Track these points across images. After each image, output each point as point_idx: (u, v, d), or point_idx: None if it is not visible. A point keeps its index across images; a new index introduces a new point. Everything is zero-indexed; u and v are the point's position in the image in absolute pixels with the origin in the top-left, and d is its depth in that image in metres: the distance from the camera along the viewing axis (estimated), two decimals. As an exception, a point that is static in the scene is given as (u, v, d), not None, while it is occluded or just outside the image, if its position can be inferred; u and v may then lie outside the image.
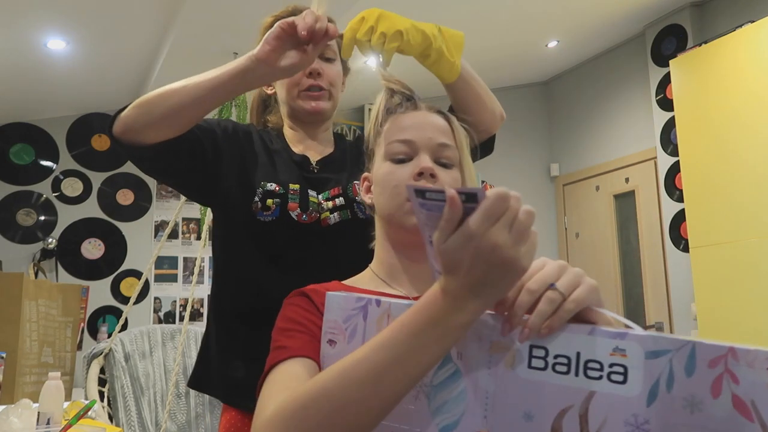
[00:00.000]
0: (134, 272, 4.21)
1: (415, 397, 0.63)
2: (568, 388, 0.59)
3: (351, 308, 0.67)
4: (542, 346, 0.60)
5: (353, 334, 0.67)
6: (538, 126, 4.79)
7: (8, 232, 3.97)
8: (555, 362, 0.60)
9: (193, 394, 2.31)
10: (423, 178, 0.84)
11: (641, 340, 0.57)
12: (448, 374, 0.63)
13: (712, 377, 0.55)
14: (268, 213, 1.12)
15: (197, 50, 3.13)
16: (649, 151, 3.86)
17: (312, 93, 1.19)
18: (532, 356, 0.60)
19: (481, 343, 0.62)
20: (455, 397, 0.62)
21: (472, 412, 0.61)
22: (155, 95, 0.99)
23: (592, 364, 0.58)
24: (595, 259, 4.23)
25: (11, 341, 2.29)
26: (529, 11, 3.48)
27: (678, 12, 3.64)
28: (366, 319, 0.66)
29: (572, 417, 0.58)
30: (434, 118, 0.90)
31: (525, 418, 0.60)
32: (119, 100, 4.15)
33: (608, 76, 4.26)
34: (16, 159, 4.05)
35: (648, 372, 0.57)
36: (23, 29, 3.04)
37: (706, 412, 0.55)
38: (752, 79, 2.91)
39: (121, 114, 1.01)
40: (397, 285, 0.87)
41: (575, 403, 0.58)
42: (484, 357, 0.62)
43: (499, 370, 0.61)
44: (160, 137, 1.00)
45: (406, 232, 0.85)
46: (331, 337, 0.68)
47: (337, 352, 0.67)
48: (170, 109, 0.98)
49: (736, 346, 0.55)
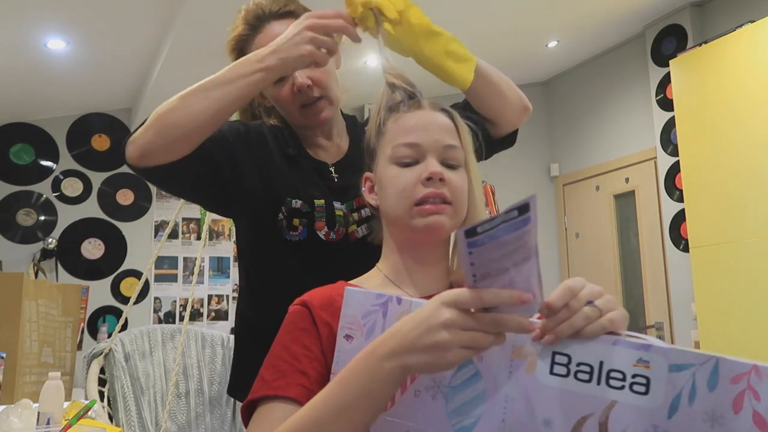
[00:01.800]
0: (134, 272, 4.21)
1: (433, 397, 0.63)
2: (589, 396, 0.59)
3: (371, 304, 0.67)
4: (565, 354, 0.60)
5: (371, 331, 0.67)
6: (538, 126, 4.79)
7: (8, 232, 3.97)
8: (577, 370, 0.60)
9: (193, 394, 2.31)
10: (432, 183, 0.83)
11: (665, 353, 0.58)
12: (467, 376, 0.63)
13: (734, 393, 0.55)
14: (295, 233, 1.09)
15: (197, 50, 3.12)
16: (649, 151, 3.86)
17: (309, 108, 1.12)
18: (554, 363, 0.61)
19: (504, 347, 0.61)
20: (473, 399, 0.62)
21: (490, 415, 0.61)
22: (170, 115, 0.94)
23: (614, 373, 0.59)
24: (595, 259, 4.23)
25: (11, 341, 2.29)
26: (529, 11, 3.48)
27: (678, 12, 3.64)
28: (386, 317, 0.66)
29: (592, 425, 0.58)
30: (439, 118, 0.89)
31: (544, 424, 0.60)
32: (119, 100, 4.15)
33: (608, 76, 4.26)
34: (16, 159, 4.05)
35: (671, 384, 0.57)
36: (23, 29, 3.04)
37: (727, 427, 0.55)
38: (752, 78, 2.91)
39: (134, 138, 0.96)
40: (403, 285, 0.87)
41: (595, 411, 0.58)
42: (505, 361, 0.62)
43: (519, 374, 0.61)
44: (178, 156, 0.96)
45: (413, 233, 0.85)
46: (348, 332, 0.68)
47: (354, 347, 0.67)
48: (191, 130, 0.94)
49: (759, 364, 0.56)
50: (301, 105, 1.11)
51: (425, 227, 0.83)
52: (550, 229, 4.63)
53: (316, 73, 1.10)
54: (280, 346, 0.80)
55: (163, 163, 0.95)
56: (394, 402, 0.64)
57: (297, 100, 1.11)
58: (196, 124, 0.94)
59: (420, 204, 0.83)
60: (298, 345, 0.78)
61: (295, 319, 0.82)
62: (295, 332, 0.80)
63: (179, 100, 0.94)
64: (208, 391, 2.27)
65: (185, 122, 0.93)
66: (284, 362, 0.77)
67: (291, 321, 0.82)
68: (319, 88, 1.11)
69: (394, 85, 0.91)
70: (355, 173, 1.14)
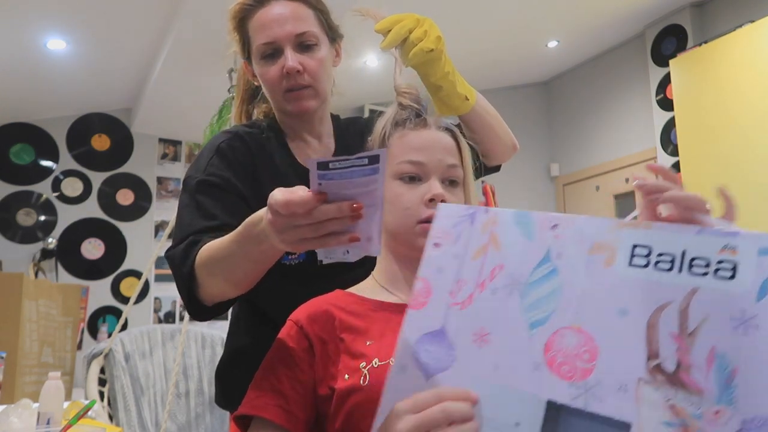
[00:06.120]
0: (134, 272, 4.21)
1: (509, 294, 0.65)
2: (668, 285, 0.59)
3: (461, 215, 0.71)
4: (646, 245, 0.61)
5: (458, 238, 0.70)
6: (538, 126, 4.79)
7: (8, 232, 3.97)
8: (658, 260, 0.60)
9: (193, 394, 2.31)
10: (434, 205, 0.86)
11: (755, 238, 0.57)
12: (544, 273, 0.64)
13: None
14: (293, 257, 1.07)
15: (197, 50, 3.12)
16: (649, 151, 3.86)
17: (293, 93, 1.08)
18: (633, 255, 0.61)
19: (582, 244, 0.63)
20: (548, 295, 0.63)
21: (564, 308, 0.62)
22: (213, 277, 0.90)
23: (697, 261, 0.58)
24: (595, 259, 4.23)
25: (11, 341, 2.29)
26: (529, 11, 3.48)
27: (678, 12, 3.64)
28: (473, 224, 0.70)
29: (671, 313, 0.58)
30: (443, 138, 0.92)
31: (619, 313, 0.59)
32: (119, 100, 4.15)
33: (608, 76, 4.26)
34: (16, 159, 4.05)
35: (760, 268, 0.56)
36: (23, 29, 3.04)
37: None
38: (752, 78, 2.91)
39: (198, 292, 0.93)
40: (398, 291, 0.91)
41: (675, 299, 0.58)
42: (582, 257, 0.63)
43: (596, 268, 0.62)
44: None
45: (413, 249, 0.88)
46: (436, 241, 0.71)
47: (441, 253, 0.70)
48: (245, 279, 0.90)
49: None
50: (287, 89, 1.08)
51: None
52: (550, 229, 4.62)
53: (309, 61, 1.07)
54: (267, 363, 0.85)
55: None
56: (471, 300, 0.67)
57: (284, 83, 1.07)
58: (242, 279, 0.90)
59: (423, 222, 0.87)
60: (282, 365, 0.83)
61: (285, 337, 0.86)
62: (282, 351, 0.84)
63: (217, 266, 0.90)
64: (208, 391, 2.27)
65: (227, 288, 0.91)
66: (267, 381, 0.82)
67: (281, 338, 0.86)
68: (308, 76, 1.07)
69: (403, 105, 0.95)
70: None
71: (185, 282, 0.92)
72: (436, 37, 0.99)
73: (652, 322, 0.58)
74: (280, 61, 1.07)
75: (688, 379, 0.55)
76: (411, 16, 0.99)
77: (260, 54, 1.08)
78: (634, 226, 0.63)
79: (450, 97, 1.05)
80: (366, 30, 1.02)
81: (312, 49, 1.08)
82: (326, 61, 1.11)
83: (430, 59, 0.99)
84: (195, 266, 0.91)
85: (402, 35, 0.97)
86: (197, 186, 1.03)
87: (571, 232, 0.64)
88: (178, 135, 4.42)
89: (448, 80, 1.03)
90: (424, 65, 1.01)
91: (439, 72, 1.01)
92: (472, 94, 1.08)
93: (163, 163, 4.42)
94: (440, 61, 1.01)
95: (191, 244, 0.94)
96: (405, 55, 0.99)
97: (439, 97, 1.05)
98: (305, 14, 1.08)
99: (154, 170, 4.38)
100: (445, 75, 1.02)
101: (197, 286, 0.92)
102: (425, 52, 0.98)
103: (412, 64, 1.01)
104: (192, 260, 0.91)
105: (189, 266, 0.92)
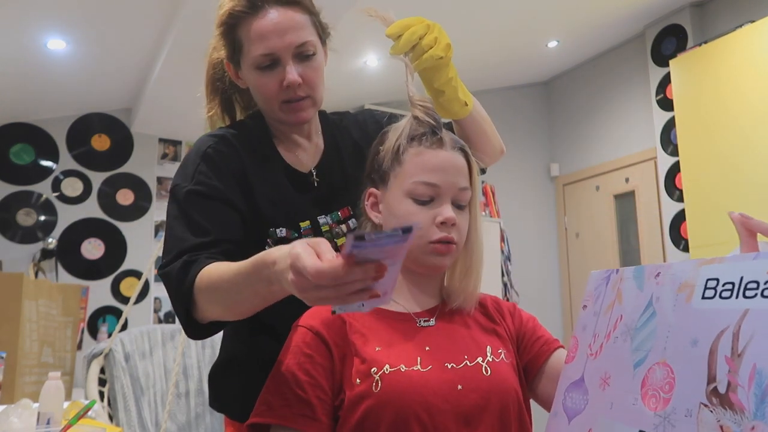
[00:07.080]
0: (134, 272, 4.20)
1: (624, 340, 0.72)
2: (727, 310, 0.61)
3: (600, 279, 0.82)
4: (715, 278, 0.64)
5: (597, 298, 0.80)
6: (538, 126, 4.79)
7: (8, 232, 3.97)
8: (722, 289, 0.63)
9: (193, 394, 2.31)
10: (445, 228, 0.90)
11: None
12: (647, 317, 0.70)
13: None
14: None
15: (197, 50, 3.12)
16: (649, 151, 3.86)
17: (292, 105, 1.06)
18: (706, 288, 0.65)
19: (673, 285, 0.68)
20: (648, 335, 0.69)
21: (658, 346, 0.67)
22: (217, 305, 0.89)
23: (750, 284, 0.61)
24: (595, 259, 4.23)
25: (11, 341, 2.29)
26: (529, 11, 3.48)
27: (678, 12, 3.64)
28: (607, 285, 0.79)
29: (727, 337, 0.60)
30: (458, 160, 0.93)
31: (692, 344, 0.63)
32: (119, 100, 4.15)
33: (608, 76, 4.26)
34: (16, 159, 4.05)
35: None
36: (23, 29, 3.04)
37: None
38: (752, 78, 2.91)
39: (197, 313, 0.92)
40: (401, 300, 0.94)
41: (731, 323, 0.60)
42: (672, 297, 0.68)
43: (680, 305, 0.67)
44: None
45: (419, 266, 0.92)
46: (585, 303, 0.83)
47: (586, 313, 0.81)
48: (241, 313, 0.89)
49: None
50: (285, 100, 1.06)
51: (433, 266, 0.92)
52: (550, 229, 4.63)
53: (308, 72, 1.05)
54: (285, 370, 0.84)
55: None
56: (601, 349, 0.75)
57: (282, 94, 1.05)
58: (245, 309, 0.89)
59: (434, 243, 0.90)
60: (302, 372, 0.83)
61: (300, 343, 0.86)
62: (300, 357, 0.84)
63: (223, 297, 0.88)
64: (208, 391, 2.27)
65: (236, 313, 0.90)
66: (289, 389, 0.82)
67: (296, 344, 0.86)
68: (307, 87, 1.06)
69: (419, 120, 0.95)
70: (335, 174, 1.14)
71: (183, 305, 0.91)
72: (446, 45, 1.00)
73: (713, 347, 0.61)
74: (277, 73, 1.04)
75: (735, 399, 0.57)
76: (420, 21, 1.00)
77: (256, 64, 1.05)
78: (710, 262, 0.67)
79: (451, 102, 1.06)
80: (366, 30, 1.03)
81: (310, 58, 1.06)
82: (322, 67, 1.10)
83: (438, 65, 1.00)
84: (194, 290, 0.90)
85: (413, 42, 0.98)
86: (186, 196, 1.01)
87: (668, 277, 0.70)
88: (178, 135, 4.42)
89: (450, 86, 1.04)
90: (430, 70, 1.02)
91: (443, 77, 1.02)
92: (470, 100, 1.09)
93: (163, 163, 4.41)
94: (446, 68, 1.02)
95: (187, 263, 0.92)
96: (414, 61, 1.00)
97: (441, 101, 1.06)
98: (302, 22, 1.05)
99: (154, 170, 4.37)
100: (448, 80, 1.03)
101: (194, 308, 0.91)
102: (435, 59, 0.99)
103: (420, 70, 1.01)
104: (190, 283, 0.90)
105: (188, 288, 0.90)
